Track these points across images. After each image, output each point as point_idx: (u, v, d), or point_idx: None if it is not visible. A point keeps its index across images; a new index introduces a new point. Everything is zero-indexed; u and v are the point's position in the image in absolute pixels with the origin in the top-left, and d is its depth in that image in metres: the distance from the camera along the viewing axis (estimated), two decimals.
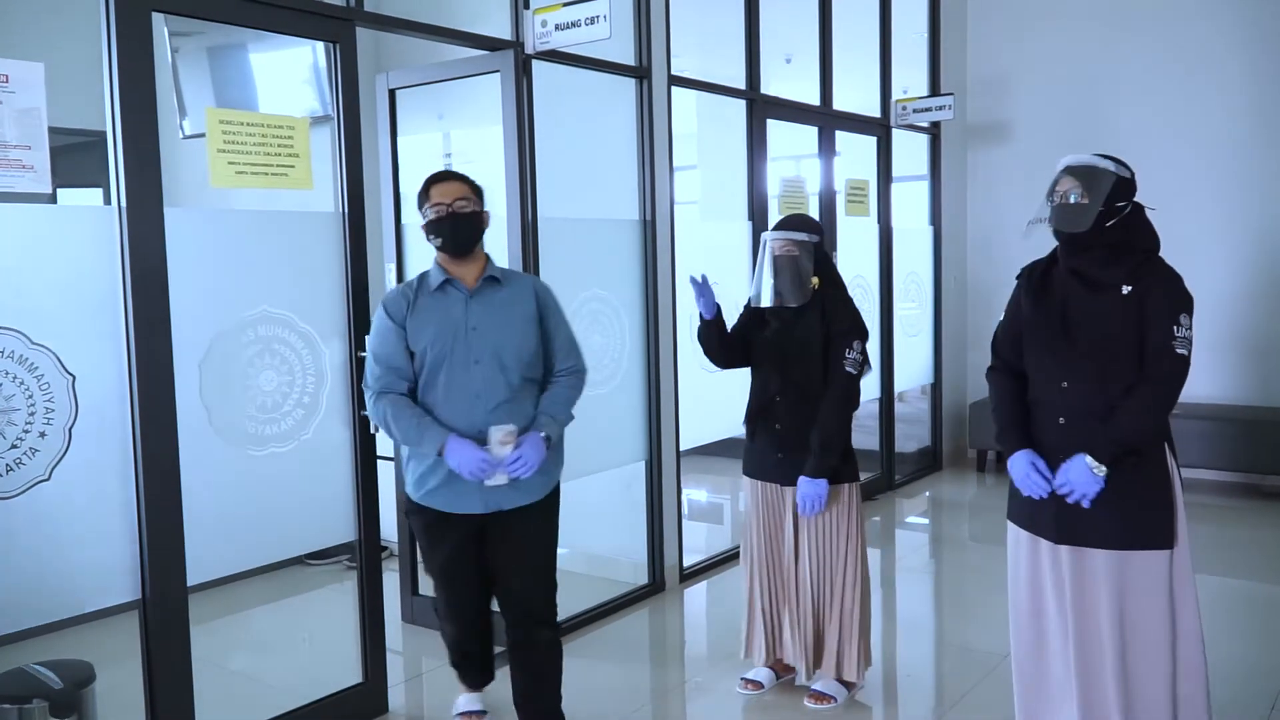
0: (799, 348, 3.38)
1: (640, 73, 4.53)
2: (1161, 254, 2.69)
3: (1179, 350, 2.55)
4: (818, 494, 3.31)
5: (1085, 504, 2.61)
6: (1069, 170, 2.67)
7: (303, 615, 4.76)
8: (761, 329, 3.51)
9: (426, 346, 2.87)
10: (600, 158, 4.53)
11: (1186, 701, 2.68)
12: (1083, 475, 2.59)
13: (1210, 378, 6.40)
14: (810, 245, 3.38)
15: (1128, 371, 2.61)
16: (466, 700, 3.36)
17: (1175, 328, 2.54)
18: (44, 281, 2.61)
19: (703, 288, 3.45)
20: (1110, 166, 2.64)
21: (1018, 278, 2.89)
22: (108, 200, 2.78)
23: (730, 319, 3.61)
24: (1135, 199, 2.67)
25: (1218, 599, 4.47)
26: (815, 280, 3.37)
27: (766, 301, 3.39)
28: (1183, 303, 2.58)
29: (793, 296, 3.35)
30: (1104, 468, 2.58)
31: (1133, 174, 2.68)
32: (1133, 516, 2.62)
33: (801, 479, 3.33)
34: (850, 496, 3.43)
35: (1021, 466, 2.71)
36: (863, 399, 3.50)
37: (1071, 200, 2.63)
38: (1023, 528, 2.82)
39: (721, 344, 3.53)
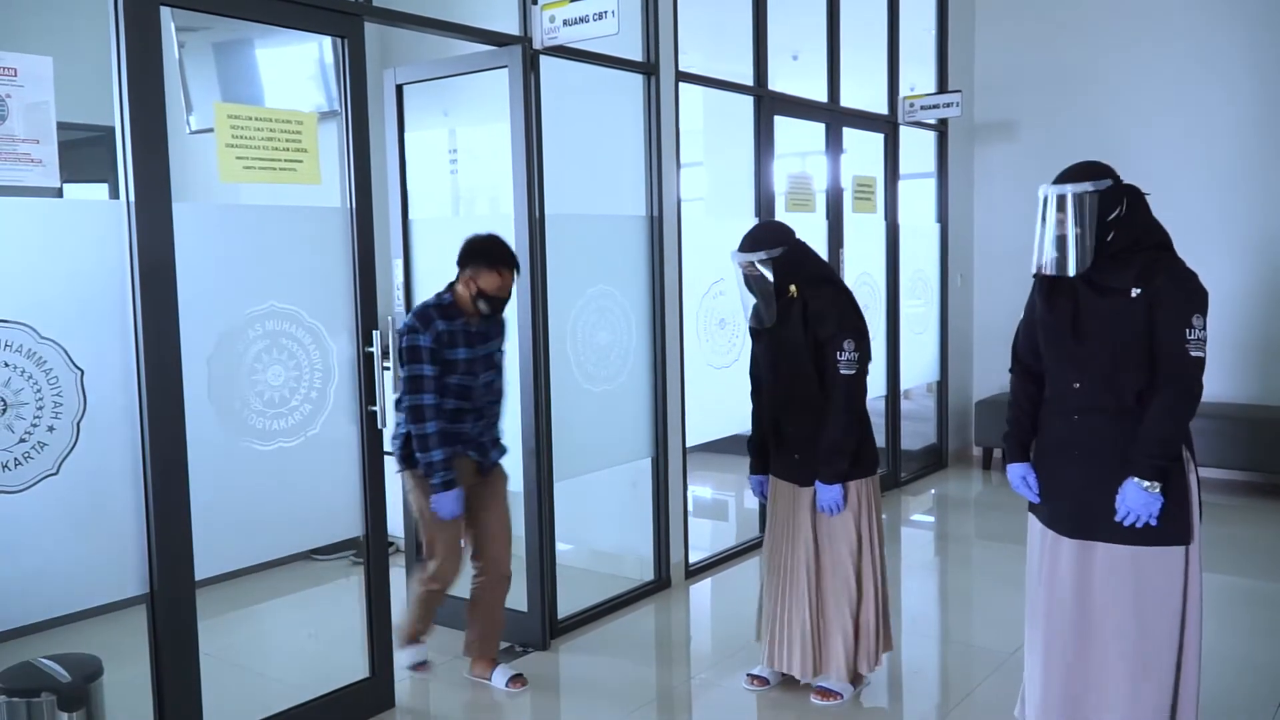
0: (789, 357, 3.39)
1: (648, 69, 4.52)
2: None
3: (1193, 353, 2.54)
4: (835, 499, 3.36)
5: (1153, 523, 2.58)
6: (1055, 202, 2.62)
7: (309, 610, 4.77)
8: (758, 339, 3.53)
9: None
10: (607, 154, 4.52)
11: (1181, 713, 2.68)
12: (1139, 498, 2.58)
13: (1217, 376, 6.37)
14: (769, 261, 3.33)
15: (1138, 372, 2.60)
16: None
17: (1188, 330, 2.53)
18: (52, 276, 2.61)
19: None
20: (1089, 186, 2.59)
21: (1034, 276, 2.88)
22: (115, 195, 2.78)
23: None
24: (1131, 195, 2.63)
25: (1225, 598, 4.46)
26: (793, 289, 3.36)
27: (750, 323, 3.46)
28: (1195, 303, 2.55)
29: (766, 316, 3.38)
30: (1156, 484, 2.56)
31: (1117, 177, 2.64)
32: None
33: (819, 485, 3.37)
34: (861, 493, 3.43)
35: (1013, 480, 2.92)
36: (870, 396, 3.50)
37: (1065, 234, 2.59)
38: (1041, 522, 2.84)
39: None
